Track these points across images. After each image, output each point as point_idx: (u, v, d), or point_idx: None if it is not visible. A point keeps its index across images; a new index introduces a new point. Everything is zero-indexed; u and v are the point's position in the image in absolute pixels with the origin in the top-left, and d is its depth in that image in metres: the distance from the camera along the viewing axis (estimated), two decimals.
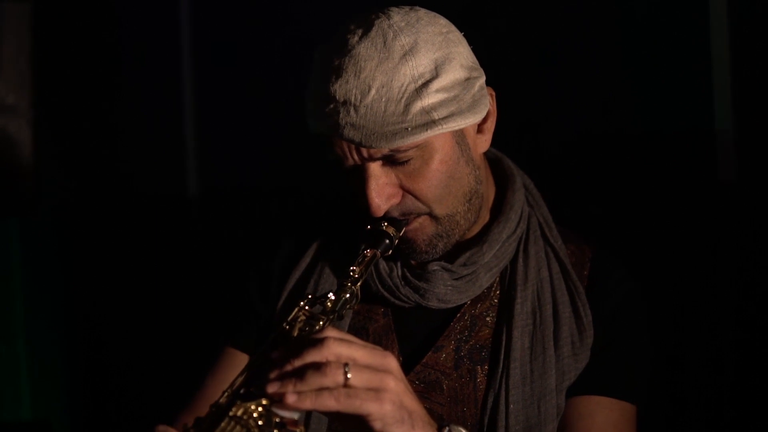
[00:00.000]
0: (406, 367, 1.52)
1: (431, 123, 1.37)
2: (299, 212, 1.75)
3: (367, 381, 1.16)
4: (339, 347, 1.17)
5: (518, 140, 2.24)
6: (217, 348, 1.65)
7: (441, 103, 1.38)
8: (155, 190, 3.17)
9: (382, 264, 1.54)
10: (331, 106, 1.38)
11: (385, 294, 1.54)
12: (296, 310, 1.31)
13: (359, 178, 1.43)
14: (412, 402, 1.21)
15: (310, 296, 1.33)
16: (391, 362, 1.20)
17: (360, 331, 1.55)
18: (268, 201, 2.86)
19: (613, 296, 1.54)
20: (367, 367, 1.17)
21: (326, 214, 1.69)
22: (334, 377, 1.14)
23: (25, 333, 3.34)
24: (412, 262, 1.55)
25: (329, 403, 1.13)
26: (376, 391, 1.16)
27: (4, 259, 3.28)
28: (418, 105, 1.36)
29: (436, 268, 1.51)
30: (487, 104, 1.46)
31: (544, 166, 2.22)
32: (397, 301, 1.54)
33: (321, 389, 1.14)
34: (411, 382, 1.49)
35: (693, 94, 2.04)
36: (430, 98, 1.37)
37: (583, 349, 1.49)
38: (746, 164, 1.97)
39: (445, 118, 1.38)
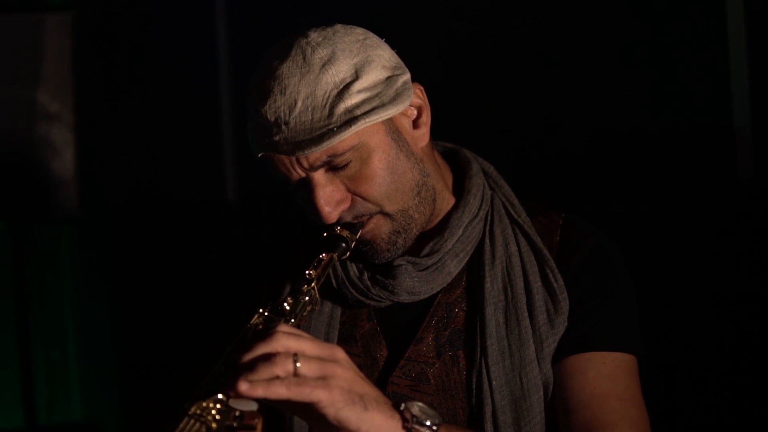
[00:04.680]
0: (392, 364, 1.55)
1: (353, 119, 1.42)
2: (282, 234, 1.77)
3: (316, 370, 1.19)
4: (288, 340, 1.20)
5: (539, 139, 2.25)
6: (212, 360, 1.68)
7: (363, 102, 1.43)
8: (195, 196, 3.23)
9: (352, 270, 1.57)
10: (266, 127, 1.44)
11: (360, 297, 1.56)
12: (256, 316, 1.35)
13: (307, 190, 1.47)
14: (362, 386, 1.23)
15: (269, 303, 1.37)
16: (339, 353, 1.23)
17: (348, 339, 1.59)
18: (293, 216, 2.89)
19: (580, 251, 1.54)
20: (316, 358, 1.20)
21: (304, 236, 1.71)
22: (284, 367, 1.17)
23: (75, 337, 3.42)
24: (375, 262, 1.57)
25: (280, 390, 1.15)
26: (324, 379, 1.19)
27: (54, 265, 3.36)
28: (342, 106, 1.42)
29: (401, 262, 1.54)
30: (411, 96, 1.50)
31: (563, 164, 2.23)
32: (371, 302, 1.57)
33: (272, 378, 1.17)
34: (398, 378, 1.53)
35: (711, 91, 2.04)
36: (352, 99, 1.42)
37: (559, 314, 1.50)
38: (765, 161, 1.95)
39: (367, 113, 1.43)
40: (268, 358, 1.17)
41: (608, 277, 1.54)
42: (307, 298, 1.38)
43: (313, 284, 1.40)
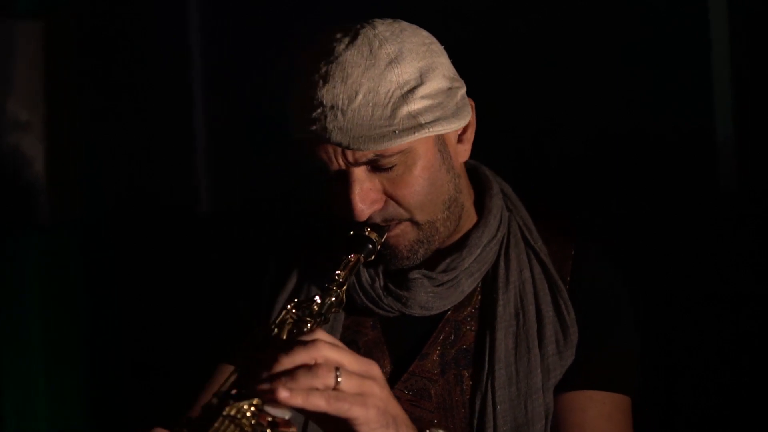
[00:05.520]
0: (395, 376, 1.54)
1: (418, 126, 1.40)
2: (282, 231, 1.76)
3: (355, 386, 1.17)
4: (329, 351, 1.18)
5: (520, 151, 2.26)
6: (210, 366, 1.66)
7: (426, 109, 1.41)
8: (167, 206, 3.20)
9: (364, 275, 1.55)
10: (318, 111, 1.39)
11: (369, 305, 1.55)
12: (284, 313, 1.32)
13: (343, 183, 1.44)
14: (395, 408, 1.22)
15: (296, 300, 1.35)
16: (376, 370, 1.22)
17: (350, 345, 1.55)
18: (278, 218, 2.88)
19: (595, 289, 1.55)
20: (356, 374, 1.19)
21: (309, 232, 1.70)
22: (325, 379, 1.15)
23: (42, 347, 3.37)
24: (392, 267, 1.56)
25: (319, 402, 1.14)
26: (362, 396, 1.18)
27: (20, 274, 3.31)
28: (405, 110, 1.39)
29: (417, 276, 1.52)
30: (470, 112, 1.49)
31: (546, 175, 2.25)
32: (381, 312, 1.55)
33: (311, 389, 1.15)
34: (399, 391, 1.51)
35: (694, 104, 2.06)
36: (416, 104, 1.40)
37: (568, 346, 1.50)
38: (747, 174, 1.99)
39: (431, 123, 1.41)
40: (309, 367, 1.15)
41: (617, 315, 1.54)
42: (333, 298, 1.36)
43: (344, 288, 1.38)
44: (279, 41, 2.87)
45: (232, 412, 1.15)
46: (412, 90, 1.40)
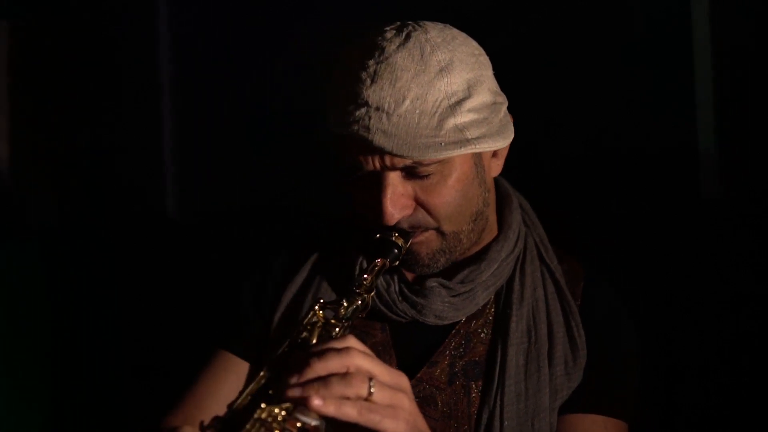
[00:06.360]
0: None
1: (465, 141, 1.38)
2: (290, 227, 1.75)
3: (387, 398, 1.18)
4: (362, 360, 1.17)
5: (508, 160, 2.29)
6: (209, 351, 1.65)
7: (472, 123, 1.39)
8: (134, 214, 3.17)
9: (380, 279, 1.53)
10: (363, 110, 1.36)
11: (383, 309, 1.54)
12: (311, 314, 1.32)
13: (374, 185, 1.42)
14: (422, 422, 1.23)
15: (321, 300, 1.34)
16: (405, 382, 1.22)
17: None
18: (245, 223, 2.88)
19: (604, 313, 1.57)
20: (387, 385, 1.19)
21: (320, 229, 1.70)
22: (358, 389, 1.15)
23: (5, 356, 3.31)
24: (407, 275, 1.56)
25: (351, 412, 1.13)
26: (393, 408, 1.18)
27: None
28: (452, 122, 1.37)
29: (434, 284, 1.52)
30: (512, 132, 1.48)
31: (530, 185, 2.27)
32: (394, 316, 1.54)
33: (344, 398, 1.15)
34: None
35: (677, 116, 2.11)
36: (462, 117, 1.38)
37: (576, 368, 1.51)
38: (728, 183, 2.04)
39: (477, 139, 1.39)
40: (342, 375, 1.16)
41: (623, 341, 1.57)
42: (359, 302, 1.35)
43: (372, 294, 1.38)
44: (248, 47, 2.86)
45: (263, 416, 1.15)
46: (459, 102, 1.38)
